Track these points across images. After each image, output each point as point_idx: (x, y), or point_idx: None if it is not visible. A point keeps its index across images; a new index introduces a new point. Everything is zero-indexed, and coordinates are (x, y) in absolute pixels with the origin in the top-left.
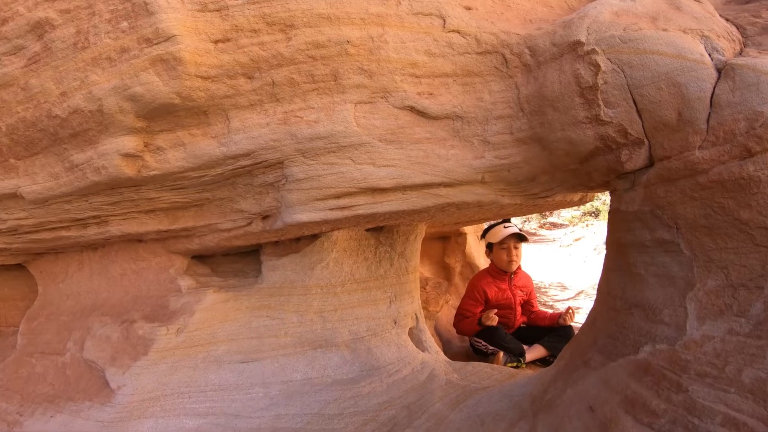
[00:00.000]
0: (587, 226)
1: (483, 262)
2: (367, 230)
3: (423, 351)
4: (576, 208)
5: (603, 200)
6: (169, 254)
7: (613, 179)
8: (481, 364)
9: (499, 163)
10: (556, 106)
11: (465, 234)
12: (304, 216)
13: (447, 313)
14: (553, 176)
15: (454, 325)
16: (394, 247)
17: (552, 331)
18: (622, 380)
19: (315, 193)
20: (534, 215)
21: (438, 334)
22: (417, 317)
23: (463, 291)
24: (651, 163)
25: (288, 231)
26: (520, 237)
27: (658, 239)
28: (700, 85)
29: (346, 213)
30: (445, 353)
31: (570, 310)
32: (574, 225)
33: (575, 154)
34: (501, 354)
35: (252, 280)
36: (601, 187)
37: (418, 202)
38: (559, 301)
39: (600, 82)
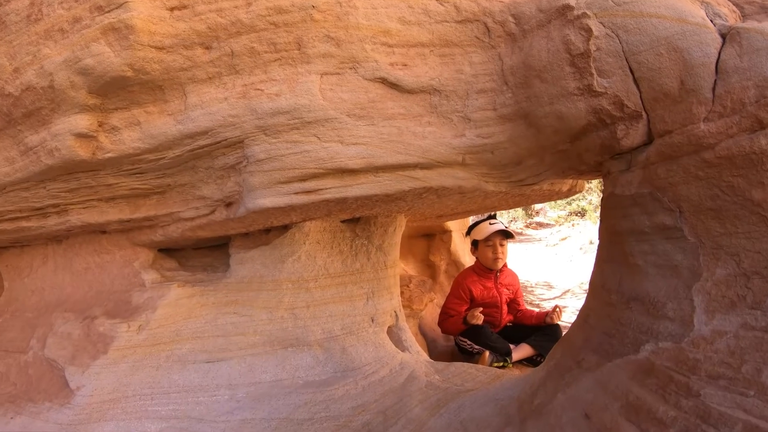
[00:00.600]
0: (573, 225)
1: (468, 259)
2: (343, 222)
3: (403, 351)
4: (562, 208)
5: (589, 200)
6: (134, 247)
7: (607, 160)
8: (465, 364)
9: (482, 142)
10: (544, 77)
11: (450, 231)
12: (267, 201)
13: (432, 311)
14: (542, 159)
15: (439, 324)
16: (372, 239)
17: (539, 330)
18: (622, 383)
19: (278, 176)
20: (520, 215)
21: (422, 333)
22: (396, 315)
23: (448, 289)
24: (650, 139)
25: (254, 220)
26: (506, 234)
27: (659, 225)
28: (704, 50)
29: (313, 197)
30: (430, 353)
31: (557, 309)
32: (560, 225)
33: (565, 131)
34: (487, 353)
35: (221, 274)
36: (593, 171)
37: (392, 186)
38: (545, 300)
39: (592, 48)
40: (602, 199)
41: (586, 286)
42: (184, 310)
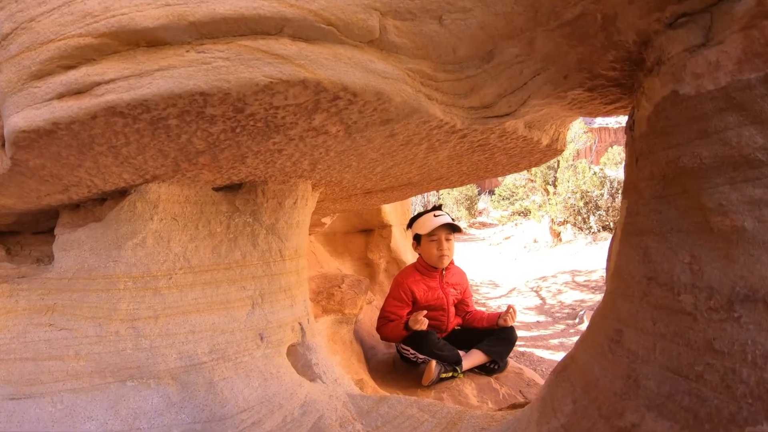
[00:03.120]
0: (516, 225)
1: (411, 257)
2: (217, 190)
3: (312, 380)
4: (505, 208)
5: (532, 200)
6: None
7: (658, 31)
8: (404, 400)
9: None
10: None
11: (390, 226)
12: (20, 119)
13: (371, 314)
14: (531, 45)
15: (378, 329)
16: (259, 216)
17: (492, 334)
18: None
19: (29, 63)
20: (464, 215)
21: (360, 339)
22: (302, 328)
23: (388, 290)
24: None
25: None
26: (453, 228)
27: None
28: None
29: (89, 104)
30: (368, 363)
31: (511, 309)
32: (503, 224)
33: None
34: (433, 363)
35: (44, 267)
36: (622, 69)
37: (235, 74)
38: (491, 299)
39: None
40: (637, 122)
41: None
42: None
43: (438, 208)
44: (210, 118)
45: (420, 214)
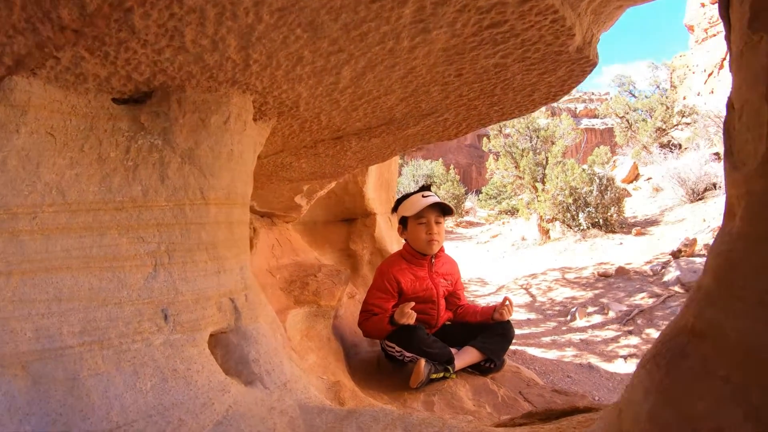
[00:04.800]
0: (504, 224)
1: (397, 247)
2: (118, 101)
3: (249, 383)
4: (492, 207)
5: (521, 197)
6: None
7: None
8: (383, 416)
9: None
10: None
11: (374, 214)
12: None
13: (353, 310)
14: None
15: (360, 325)
16: (172, 138)
17: (487, 329)
18: None
19: None
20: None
21: (340, 337)
22: (236, 308)
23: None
24: None
25: None
26: (444, 209)
27: None
28: None
29: None
30: (350, 362)
31: (507, 302)
32: (490, 223)
33: None
34: (422, 363)
35: None
36: None
37: None
38: (480, 296)
39: None
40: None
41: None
42: None
43: (427, 188)
44: None
45: (406, 195)
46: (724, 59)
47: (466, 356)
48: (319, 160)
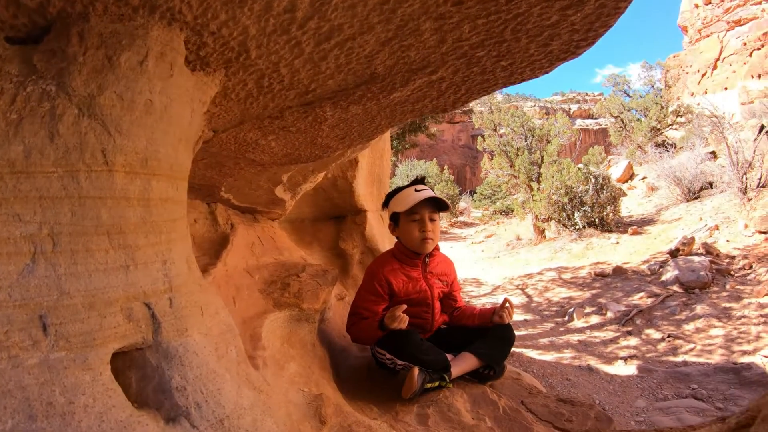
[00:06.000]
0: (498, 224)
1: (390, 245)
2: (11, 41)
3: (171, 420)
4: (486, 207)
5: (516, 197)
6: None
7: None
8: None
9: None
10: None
11: (365, 212)
12: None
13: (342, 313)
14: None
15: (348, 329)
16: (66, 82)
17: (485, 333)
18: None
19: None
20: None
21: (327, 342)
22: (154, 316)
23: None
24: None
25: None
26: (439, 204)
27: None
28: None
29: None
30: (338, 370)
31: (507, 303)
32: (484, 223)
33: None
34: (416, 371)
35: None
36: None
37: None
38: (476, 297)
39: None
40: None
41: (519, 282)
42: None
43: (420, 180)
44: None
45: (398, 189)
46: (717, 59)
47: (463, 363)
48: (291, 136)
